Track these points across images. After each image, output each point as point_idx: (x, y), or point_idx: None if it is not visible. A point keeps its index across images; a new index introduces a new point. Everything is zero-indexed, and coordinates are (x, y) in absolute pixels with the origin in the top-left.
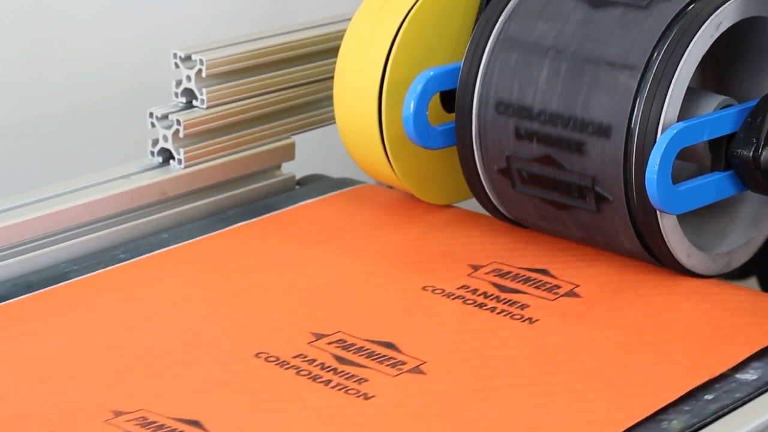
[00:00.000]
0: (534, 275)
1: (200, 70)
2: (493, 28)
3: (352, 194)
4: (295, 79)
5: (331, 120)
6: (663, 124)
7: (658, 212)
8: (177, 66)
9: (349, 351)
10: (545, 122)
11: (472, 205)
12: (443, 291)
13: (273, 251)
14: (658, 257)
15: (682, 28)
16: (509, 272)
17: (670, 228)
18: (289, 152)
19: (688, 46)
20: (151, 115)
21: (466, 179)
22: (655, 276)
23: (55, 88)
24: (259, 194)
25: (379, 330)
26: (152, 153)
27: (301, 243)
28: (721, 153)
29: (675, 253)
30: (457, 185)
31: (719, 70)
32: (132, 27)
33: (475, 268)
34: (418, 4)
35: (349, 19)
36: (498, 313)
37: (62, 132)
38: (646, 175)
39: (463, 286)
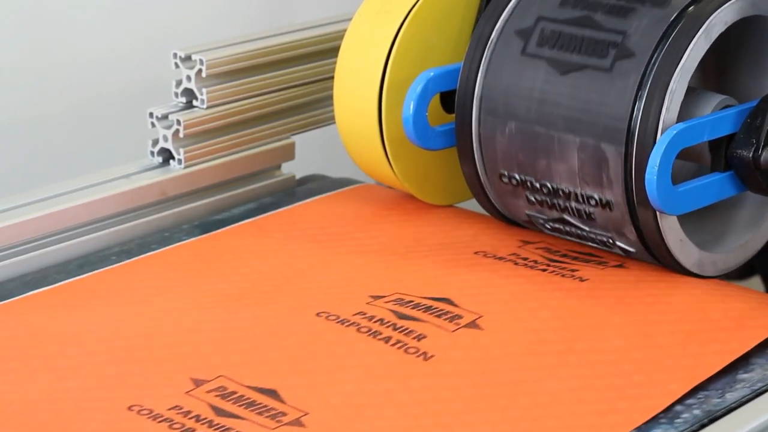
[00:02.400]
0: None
1: (200, 70)
2: (494, 26)
3: (350, 194)
4: (295, 79)
5: (331, 120)
6: (663, 124)
7: (657, 212)
8: (177, 66)
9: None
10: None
11: (472, 205)
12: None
13: (271, 250)
14: (656, 256)
15: (683, 28)
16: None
17: (669, 228)
18: (289, 152)
19: (688, 46)
20: (151, 115)
21: (466, 179)
22: (653, 276)
23: (55, 87)
24: (259, 194)
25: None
26: (152, 153)
27: (299, 241)
28: (721, 153)
29: (674, 253)
30: (457, 186)
31: (719, 70)
32: (132, 27)
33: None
34: (418, 4)
35: (349, 19)
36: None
37: (62, 132)
38: (646, 176)
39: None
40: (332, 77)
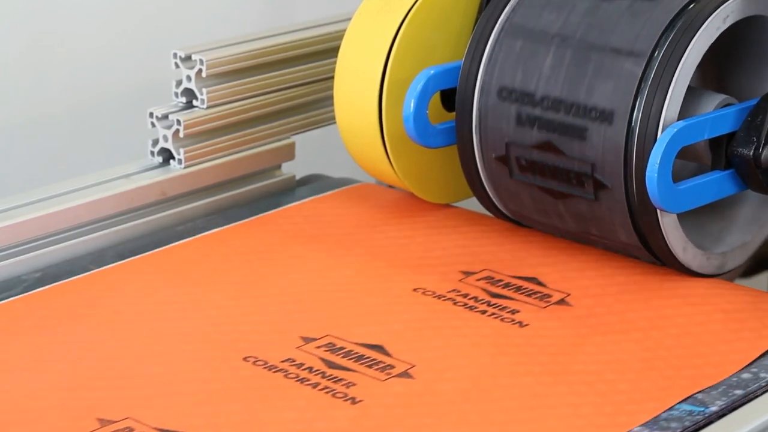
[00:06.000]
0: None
1: (200, 70)
2: (498, 18)
3: (350, 193)
4: (295, 79)
5: (331, 120)
6: (663, 122)
7: (657, 209)
8: (177, 66)
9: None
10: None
11: (472, 204)
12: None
13: (269, 249)
14: (656, 254)
15: (684, 26)
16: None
17: (669, 226)
18: (289, 152)
19: (689, 44)
20: (151, 115)
21: (465, 172)
22: (655, 278)
23: (55, 88)
24: (259, 194)
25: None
26: (152, 153)
27: (296, 241)
28: (721, 152)
29: (674, 251)
30: (457, 184)
31: (720, 69)
32: (132, 27)
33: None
34: (418, 3)
35: (349, 19)
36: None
37: (62, 132)
38: (647, 173)
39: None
40: (332, 77)
